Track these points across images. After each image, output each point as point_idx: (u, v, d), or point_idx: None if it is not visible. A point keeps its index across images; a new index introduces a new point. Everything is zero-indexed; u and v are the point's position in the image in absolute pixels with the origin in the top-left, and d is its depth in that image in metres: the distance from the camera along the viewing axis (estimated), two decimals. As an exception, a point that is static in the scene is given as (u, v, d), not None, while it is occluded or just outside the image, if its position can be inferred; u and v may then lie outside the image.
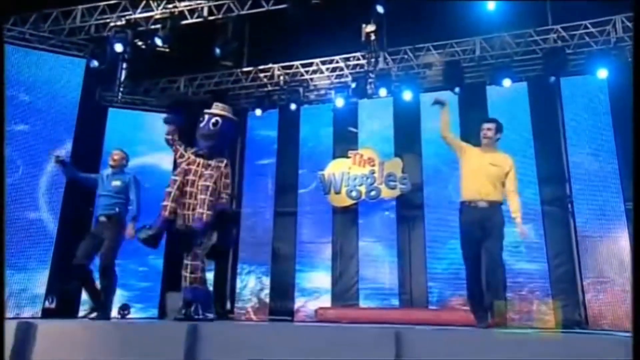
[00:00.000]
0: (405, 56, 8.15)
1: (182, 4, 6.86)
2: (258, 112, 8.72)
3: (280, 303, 8.06)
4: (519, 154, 7.42)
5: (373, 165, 7.80)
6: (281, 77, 8.74)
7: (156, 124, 9.18)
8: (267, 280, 8.22)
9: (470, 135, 7.63)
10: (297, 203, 8.46)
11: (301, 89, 8.57)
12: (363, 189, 7.80)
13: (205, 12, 6.84)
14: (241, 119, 9.14)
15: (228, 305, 8.54)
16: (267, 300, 8.11)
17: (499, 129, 3.96)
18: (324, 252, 8.04)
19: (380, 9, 5.97)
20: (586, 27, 7.37)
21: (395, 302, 7.51)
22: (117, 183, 4.55)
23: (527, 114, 7.71)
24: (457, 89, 7.57)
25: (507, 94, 7.74)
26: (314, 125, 8.79)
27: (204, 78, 9.15)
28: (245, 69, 8.88)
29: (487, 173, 3.82)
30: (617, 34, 7.26)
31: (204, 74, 9.12)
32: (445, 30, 7.94)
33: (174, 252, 8.56)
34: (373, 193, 7.73)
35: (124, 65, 8.77)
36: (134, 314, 8.22)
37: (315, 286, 7.90)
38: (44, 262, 7.02)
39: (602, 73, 7.12)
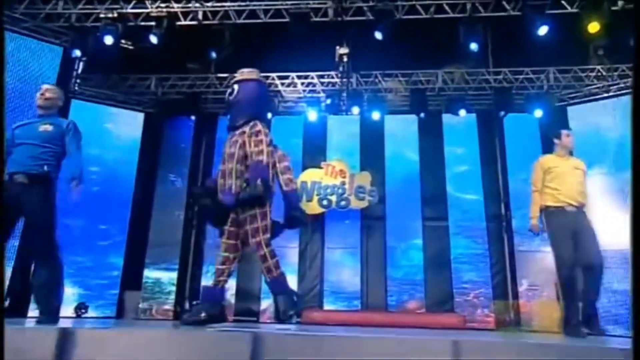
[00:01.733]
0: (375, 80, 8.61)
1: (176, 5, 6.67)
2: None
3: (246, 304, 8.03)
4: (470, 178, 8.25)
5: (344, 177, 8.11)
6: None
7: (120, 120, 8.83)
8: (232, 282, 8.12)
9: (428, 155, 8.41)
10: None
11: (276, 100, 8.67)
12: (334, 198, 8.07)
13: (200, 16, 6.71)
14: (211, 123, 9.04)
15: (187, 305, 8.31)
16: (233, 301, 8.01)
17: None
18: (290, 256, 8.14)
19: (378, 35, 6.24)
20: (527, 73, 8.36)
21: (357, 304, 7.83)
22: (47, 128, 3.17)
23: (476, 142, 8.51)
24: (422, 114, 8.16)
25: (459, 123, 8.49)
26: (284, 135, 8.85)
27: (177, 79, 8.89)
28: (220, 75, 8.77)
29: (578, 178, 3.91)
30: (549, 82, 8.34)
31: (178, 75, 8.87)
32: (412, 60, 8.51)
33: (135, 248, 8.28)
34: (343, 203, 8.03)
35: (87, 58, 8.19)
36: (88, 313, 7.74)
37: (281, 288, 7.95)
38: None
39: (538, 113, 8.11)
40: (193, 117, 8.68)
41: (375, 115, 8.47)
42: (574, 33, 7.04)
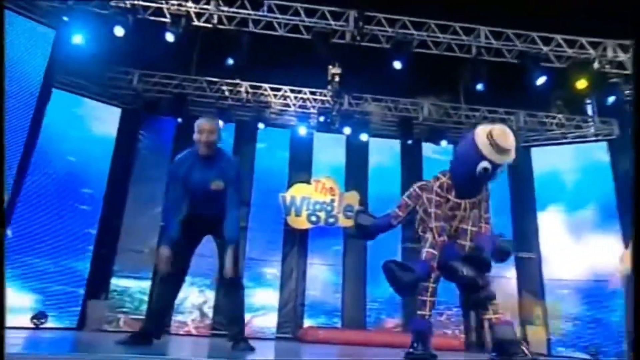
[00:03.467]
0: (366, 102, 8.68)
1: (194, 5, 6.21)
2: (220, 123, 8.18)
3: (223, 318, 7.58)
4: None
5: (333, 195, 8.03)
6: (248, 95, 8.42)
7: (95, 113, 8.01)
8: (210, 294, 7.65)
9: (408, 179, 8.60)
10: (248, 219, 8.13)
11: (267, 111, 8.39)
12: (323, 215, 7.95)
13: (215, 20, 6.31)
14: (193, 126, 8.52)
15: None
16: (210, 314, 7.54)
17: None
18: (272, 270, 7.87)
19: (398, 64, 6.28)
20: (501, 113, 8.92)
21: (337, 321, 7.75)
22: (219, 185, 3.11)
23: (452, 171, 8.88)
24: (409, 141, 8.36)
25: (438, 152, 8.82)
26: (270, 147, 8.64)
27: (162, 77, 8.26)
28: (210, 79, 8.32)
29: None
30: (519, 123, 8.97)
31: (164, 73, 8.25)
32: (400, 89, 8.70)
33: (102, 253, 7.47)
34: (331, 220, 7.94)
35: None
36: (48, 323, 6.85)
37: (261, 303, 7.65)
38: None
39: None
40: (180, 120, 8.08)
41: (364, 137, 8.52)
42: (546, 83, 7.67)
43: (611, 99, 6.81)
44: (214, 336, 7.27)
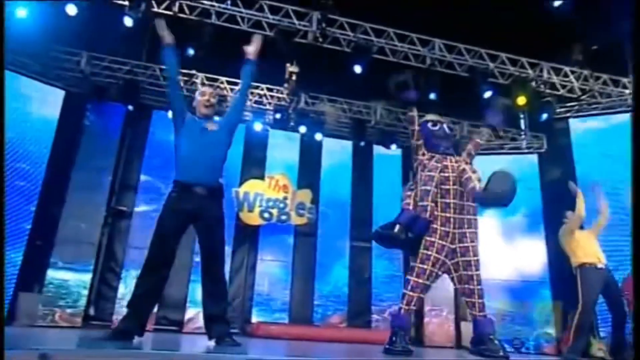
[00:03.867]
0: (321, 103, 8.81)
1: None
2: (171, 114, 7.95)
3: (169, 313, 7.40)
4: (392, 206, 8.91)
5: (286, 192, 8.08)
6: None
7: (35, 94, 7.50)
8: (156, 288, 7.41)
9: (359, 180, 8.87)
10: (198, 213, 7.99)
11: (224, 104, 8.26)
12: (275, 212, 7.97)
13: (176, 7, 6.13)
14: (146, 115, 8.26)
15: (92, 311, 7.33)
16: (155, 308, 7.30)
17: None
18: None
19: (358, 69, 6.46)
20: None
21: (285, 317, 7.82)
22: (212, 127, 3.22)
23: (399, 175, 9.28)
24: (362, 143, 8.62)
25: (388, 155, 9.17)
26: (224, 141, 8.52)
27: (113, 62, 7.88)
28: (165, 67, 8.03)
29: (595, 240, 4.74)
30: (463, 132, 9.53)
31: (115, 57, 7.88)
32: (355, 91, 8.91)
33: (35, 244, 6.99)
34: (284, 217, 7.98)
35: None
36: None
37: (209, 298, 7.53)
38: None
39: (451, 157, 9.20)
40: (130, 107, 7.75)
41: (318, 136, 8.66)
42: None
43: (544, 116, 7.43)
44: (157, 331, 7.07)
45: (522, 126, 9.73)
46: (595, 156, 7.67)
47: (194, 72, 8.18)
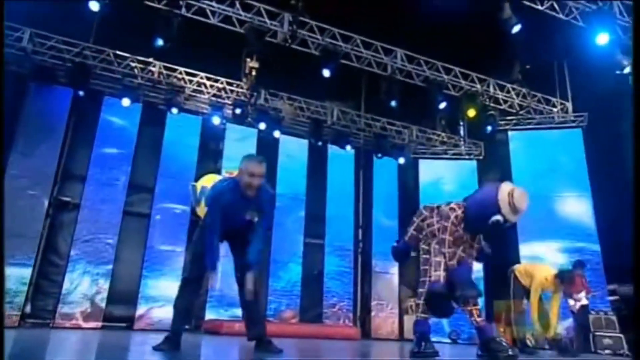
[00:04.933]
0: (281, 100, 8.83)
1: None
2: (126, 101, 7.60)
3: (119, 309, 7.11)
4: (344, 204, 9.20)
5: (244, 189, 8.01)
6: (161, 77, 7.94)
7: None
8: (105, 284, 7.09)
9: (314, 178, 9.02)
10: (151, 206, 7.72)
11: (182, 95, 8.02)
12: (233, 208, 7.87)
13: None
14: (97, 101, 7.82)
15: (29, 309, 6.85)
16: (103, 305, 6.99)
17: None
18: (175, 259, 7.59)
19: (326, 72, 6.56)
20: (398, 126, 9.86)
21: (239, 312, 7.79)
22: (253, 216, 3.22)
23: (352, 174, 9.58)
24: (319, 142, 8.78)
25: (342, 155, 9.41)
26: (180, 133, 8.28)
27: (60, 42, 7.32)
28: (119, 53, 7.64)
29: None
30: (412, 137, 10.03)
31: (65, 38, 7.33)
32: (314, 91, 9.03)
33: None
34: (241, 213, 7.91)
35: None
36: None
37: (162, 294, 7.34)
38: None
39: (401, 160, 9.67)
40: (81, 93, 7.26)
41: (276, 134, 8.68)
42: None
43: (489, 128, 8.06)
44: (105, 328, 6.78)
45: (461, 134, 10.47)
46: (530, 166, 8.46)
47: (151, 60, 7.83)
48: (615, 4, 6.40)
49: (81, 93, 7.24)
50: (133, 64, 7.77)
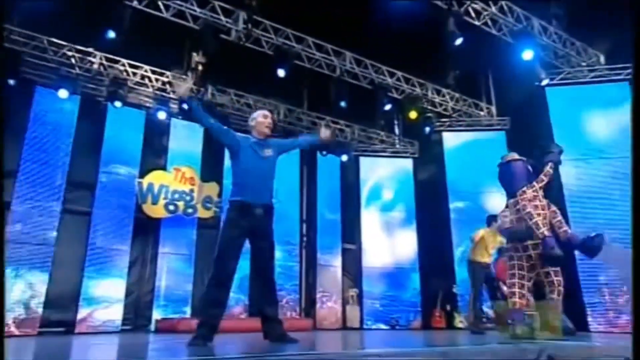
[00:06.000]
0: (228, 96, 8.76)
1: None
2: (63, 93, 7.14)
3: (59, 313, 6.72)
4: (290, 200, 9.38)
5: (193, 185, 7.89)
6: (102, 68, 7.54)
7: None
8: (42, 287, 6.65)
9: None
10: (93, 204, 7.34)
11: (125, 88, 7.68)
12: (181, 204, 7.72)
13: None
14: (28, 91, 7.27)
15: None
16: (40, 310, 6.56)
17: None
18: (119, 259, 7.31)
19: (281, 72, 6.65)
20: (340, 124, 10.21)
21: (187, 310, 7.72)
22: (269, 153, 3.38)
23: (297, 172, 9.77)
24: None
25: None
26: (122, 127, 7.92)
27: (-13, 25, 6.66)
28: (55, 40, 7.14)
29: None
30: (354, 135, 10.44)
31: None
32: (262, 87, 9.05)
33: None
34: (190, 210, 7.79)
35: None
36: None
37: (106, 295, 7.04)
38: None
39: (344, 157, 10.04)
40: (12, 81, 6.68)
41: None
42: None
43: (427, 130, 8.67)
44: (42, 334, 6.37)
45: (396, 133, 11.10)
46: (461, 165, 9.22)
47: (90, 49, 7.39)
48: (536, 24, 7.21)
49: (11, 82, 6.65)
50: (70, 53, 7.28)
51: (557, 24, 7.17)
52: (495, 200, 8.99)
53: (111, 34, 5.59)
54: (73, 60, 7.34)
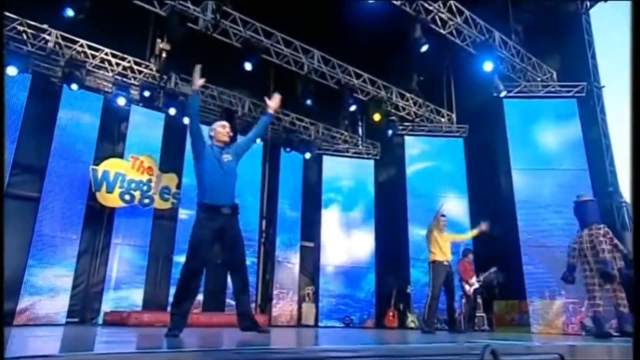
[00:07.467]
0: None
1: None
2: (12, 70, 6.73)
3: (-3, 303, 6.31)
4: (251, 197, 9.27)
5: (151, 175, 7.64)
6: (57, 47, 7.16)
7: None
8: (-20, 275, 6.22)
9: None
10: (42, 189, 6.97)
11: (83, 71, 7.32)
12: (137, 194, 7.45)
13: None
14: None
15: None
16: (-23, 299, 6.14)
17: None
18: (69, 248, 6.98)
19: (248, 66, 6.55)
20: (306, 122, 10.21)
21: (139, 303, 7.48)
22: (228, 157, 3.47)
23: (260, 166, 9.67)
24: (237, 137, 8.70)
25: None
26: (77, 111, 7.57)
27: None
28: (9, 14, 6.72)
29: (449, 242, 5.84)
30: (318, 134, 10.46)
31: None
32: (228, 80, 8.90)
33: None
34: (146, 201, 7.53)
35: None
36: None
37: (51, 284, 6.71)
38: None
39: (307, 155, 10.05)
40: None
41: (186, 120, 8.38)
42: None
43: (390, 132, 8.81)
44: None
45: (360, 134, 11.24)
46: (420, 168, 9.44)
47: (45, 26, 7.00)
48: (497, 37, 7.49)
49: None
50: (22, 28, 6.86)
51: (516, 38, 7.49)
52: (450, 204, 9.28)
53: (69, 12, 5.28)
54: (25, 36, 6.92)
